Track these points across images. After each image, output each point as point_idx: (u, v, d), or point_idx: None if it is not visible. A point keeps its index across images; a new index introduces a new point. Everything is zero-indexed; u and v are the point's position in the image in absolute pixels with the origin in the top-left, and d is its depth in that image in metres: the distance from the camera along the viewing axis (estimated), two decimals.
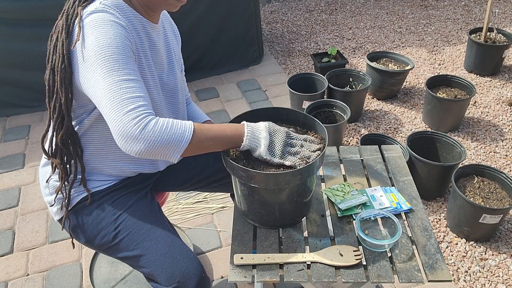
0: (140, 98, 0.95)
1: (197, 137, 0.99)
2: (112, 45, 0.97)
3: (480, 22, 3.83)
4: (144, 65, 1.11)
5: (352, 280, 1.07)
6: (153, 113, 0.97)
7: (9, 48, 2.62)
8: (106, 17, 1.00)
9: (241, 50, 3.26)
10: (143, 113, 0.94)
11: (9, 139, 2.71)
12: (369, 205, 1.27)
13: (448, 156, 2.20)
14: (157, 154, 0.96)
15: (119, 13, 1.04)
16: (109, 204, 1.23)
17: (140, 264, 1.18)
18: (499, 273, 1.80)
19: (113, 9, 1.03)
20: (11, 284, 1.84)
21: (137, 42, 1.09)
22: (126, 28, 1.02)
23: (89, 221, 1.22)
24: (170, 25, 1.33)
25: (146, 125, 0.93)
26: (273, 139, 1.07)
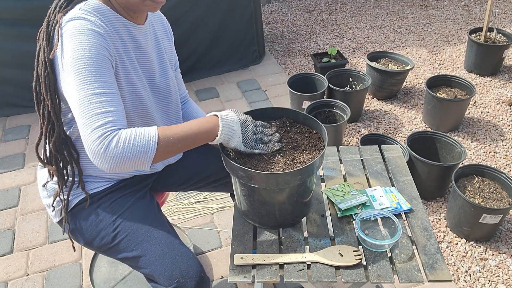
0: (108, 113, 0.94)
1: (163, 143, 0.97)
2: (87, 57, 0.96)
3: (480, 22, 3.83)
4: (129, 68, 1.10)
5: (352, 280, 1.07)
6: (121, 126, 0.96)
7: (9, 48, 2.62)
8: (83, 26, 0.98)
9: (241, 50, 3.26)
10: (107, 130, 0.93)
11: (9, 139, 2.71)
12: (369, 205, 1.27)
13: (448, 156, 2.20)
14: (126, 168, 0.96)
15: (99, 19, 1.02)
16: (107, 205, 1.23)
17: (139, 264, 1.18)
18: (499, 273, 1.80)
19: (93, 15, 1.01)
20: (11, 284, 1.84)
21: (119, 47, 1.07)
22: (105, 36, 1.01)
23: (88, 223, 1.21)
24: (160, 23, 1.29)
25: (109, 143, 0.92)
26: (244, 130, 1.08)
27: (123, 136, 0.94)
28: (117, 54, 1.06)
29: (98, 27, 1.00)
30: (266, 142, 1.13)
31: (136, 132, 0.95)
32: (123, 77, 1.09)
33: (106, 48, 1.00)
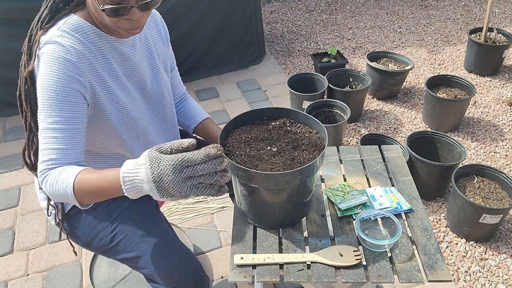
0: (54, 150, 0.97)
1: (79, 193, 0.95)
2: (52, 89, 0.98)
3: (480, 22, 3.83)
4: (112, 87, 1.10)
5: (352, 280, 1.07)
6: (62, 164, 0.97)
7: (9, 48, 2.62)
8: (56, 53, 0.98)
9: (241, 50, 3.26)
10: (46, 168, 0.97)
11: (9, 139, 2.71)
12: (369, 205, 1.27)
13: (448, 156, 2.20)
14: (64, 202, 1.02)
15: (77, 39, 1.01)
16: (104, 207, 1.23)
17: (138, 265, 1.19)
18: (499, 273, 1.80)
19: (71, 36, 1.01)
20: (11, 284, 1.84)
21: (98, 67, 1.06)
22: (77, 64, 1.00)
23: (86, 225, 1.21)
24: (153, 23, 1.27)
25: (45, 180, 0.97)
26: (164, 179, 0.82)
27: (51, 178, 0.96)
28: (95, 77, 1.05)
29: (71, 54, 0.99)
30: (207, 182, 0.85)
31: (58, 179, 0.95)
32: (105, 99, 1.09)
33: (77, 79, 1.00)
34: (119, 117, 1.13)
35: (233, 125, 1.23)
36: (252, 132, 1.21)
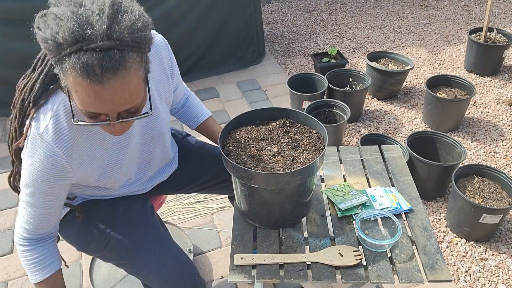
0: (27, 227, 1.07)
1: None
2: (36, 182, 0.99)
3: (480, 22, 3.83)
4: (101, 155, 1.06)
5: (352, 280, 1.07)
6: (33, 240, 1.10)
7: (9, 48, 2.62)
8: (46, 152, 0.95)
9: (241, 50, 3.26)
10: (19, 239, 1.09)
11: None
12: (369, 205, 1.27)
13: (448, 156, 2.20)
14: None
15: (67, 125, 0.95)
16: (98, 212, 1.22)
17: (133, 270, 1.19)
18: (499, 273, 1.80)
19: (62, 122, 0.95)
20: (11, 284, 1.84)
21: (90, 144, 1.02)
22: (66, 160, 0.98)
23: (81, 231, 1.22)
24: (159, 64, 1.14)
25: (18, 247, 1.10)
26: None
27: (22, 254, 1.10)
28: (85, 156, 1.02)
29: (61, 150, 0.96)
30: None
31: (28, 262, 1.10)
32: (92, 168, 1.06)
33: (63, 175, 1.00)
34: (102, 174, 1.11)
35: (233, 125, 1.23)
36: (252, 132, 1.21)
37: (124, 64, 0.78)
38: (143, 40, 0.81)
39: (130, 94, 0.82)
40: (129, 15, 0.79)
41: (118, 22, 0.77)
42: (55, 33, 0.75)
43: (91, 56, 0.74)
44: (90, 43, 0.74)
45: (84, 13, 0.76)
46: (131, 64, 0.79)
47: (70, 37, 0.74)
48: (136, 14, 0.80)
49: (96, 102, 0.80)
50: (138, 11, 0.81)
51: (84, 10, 0.76)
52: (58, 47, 0.76)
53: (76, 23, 0.74)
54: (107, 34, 0.75)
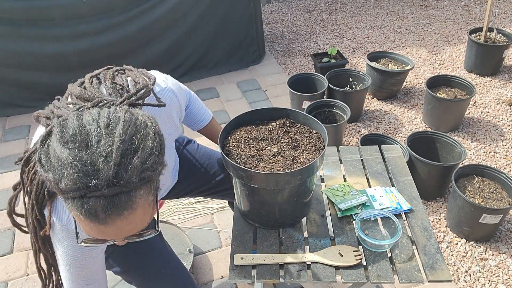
0: None
1: None
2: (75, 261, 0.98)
3: (480, 22, 3.83)
4: None
5: (352, 280, 1.07)
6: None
7: (9, 48, 2.62)
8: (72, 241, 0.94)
9: (241, 50, 3.26)
10: None
11: (9, 139, 2.71)
12: (369, 205, 1.27)
13: (448, 156, 2.20)
14: None
15: None
16: None
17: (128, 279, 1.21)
18: (499, 273, 1.80)
19: None
20: (11, 284, 1.84)
21: None
22: None
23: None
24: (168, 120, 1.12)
25: None
26: None
27: None
28: None
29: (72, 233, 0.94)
30: None
31: None
32: None
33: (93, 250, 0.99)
34: None
35: (233, 125, 1.23)
36: (252, 132, 1.21)
37: (130, 205, 0.74)
38: (153, 176, 0.76)
39: (136, 225, 0.78)
40: (139, 154, 0.73)
41: (126, 168, 0.71)
42: (57, 180, 0.71)
43: (95, 203, 0.71)
44: (95, 191, 0.70)
45: (90, 157, 0.70)
46: (138, 201, 0.75)
47: (73, 186, 0.70)
48: (148, 149, 0.74)
49: (99, 235, 0.77)
50: (151, 144, 0.75)
51: (90, 154, 0.70)
52: (60, 191, 0.72)
53: (81, 172, 0.69)
54: (113, 182, 0.70)
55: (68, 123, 0.74)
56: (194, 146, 1.48)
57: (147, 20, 2.81)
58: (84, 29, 2.68)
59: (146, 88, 0.94)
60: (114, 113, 0.76)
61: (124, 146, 0.71)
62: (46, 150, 0.74)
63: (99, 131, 0.72)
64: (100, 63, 2.84)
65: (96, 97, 0.89)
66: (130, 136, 0.73)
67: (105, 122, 0.73)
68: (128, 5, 2.72)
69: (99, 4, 2.64)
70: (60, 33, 2.64)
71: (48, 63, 2.75)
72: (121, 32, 2.78)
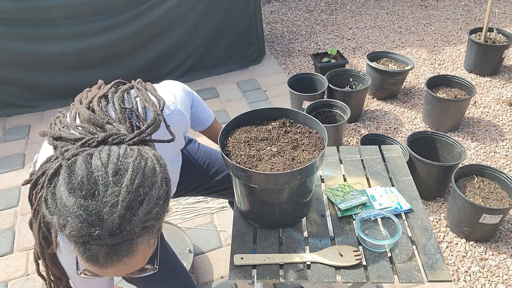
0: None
1: None
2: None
3: (480, 22, 3.83)
4: None
5: (352, 280, 1.07)
6: None
7: (9, 48, 2.62)
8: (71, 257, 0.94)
9: (241, 50, 3.26)
10: None
11: (9, 139, 2.71)
12: (369, 205, 1.27)
13: (448, 156, 2.20)
14: None
15: None
16: None
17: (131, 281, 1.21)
18: (499, 273, 1.80)
19: None
20: (11, 284, 1.84)
21: None
22: None
23: None
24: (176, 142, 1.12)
25: None
26: None
27: None
28: None
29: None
30: None
31: None
32: None
33: None
34: None
35: (233, 125, 1.23)
36: (252, 132, 1.21)
37: (131, 252, 0.75)
38: (157, 225, 0.78)
39: (135, 267, 0.79)
40: (144, 206, 0.73)
41: (130, 220, 0.72)
42: (61, 225, 0.72)
43: (97, 250, 0.72)
44: (97, 240, 0.72)
45: (95, 207, 0.70)
46: (140, 246, 0.76)
47: (77, 234, 0.71)
48: (153, 199, 0.75)
49: (99, 273, 0.79)
50: (156, 194, 0.76)
51: (96, 203, 0.71)
52: (63, 235, 0.74)
53: (85, 222, 0.70)
54: (116, 232, 0.71)
55: (77, 168, 0.74)
56: (195, 145, 1.48)
57: (147, 20, 2.81)
58: (84, 29, 2.68)
59: (157, 122, 0.93)
60: (124, 158, 0.76)
61: (130, 197, 0.72)
62: (52, 191, 0.75)
63: (106, 179, 0.72)
64: (100, 63, 2.86)
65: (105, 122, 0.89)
66: (137, 187, 0.73)
67: (113, 169, 0.74)
68: (128, 5, 2.72)
69: (99, 4, 2.64)
70: (60, 33, 2.64)
71: (48, 63, 2.75)
72: (121, 32, 2.78)
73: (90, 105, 0.96)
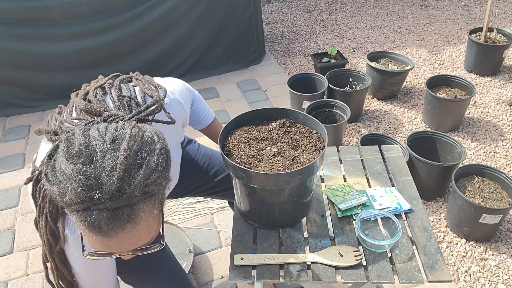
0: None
1: None
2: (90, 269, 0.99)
3: (480, 22, 3.83)
4: None
5: (352, 280, 1.07)
6: None
7: (9, 48, 2.62)
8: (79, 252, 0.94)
9: (241, 50, 3.26)
10: None
11: (9, 139, 2.71)
12: (369, 205, 1.27)
13: (448, 156, 2.20)
14: None
15: None
16: None
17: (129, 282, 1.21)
18: (499, 273, 1.80)
19: None
20: (11, 284, 1.84)
21: None
22: None
23: None
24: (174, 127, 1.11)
25: None
26: None
27: None
28: None
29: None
30: None
31: None
32: None
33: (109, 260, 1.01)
34: None
35: (233, 125, 1.23)
36: (252, 132, 1.21)
37: (133, 218, 0.74)
38: (157, 190, 0.77)
39: (139, 238, 0.79)
40: (143, 169, 0.74)
41: (129, 182, 0.72)
42: (62, 193, 0.72)
43: (98, 216, 0.72)
44: (98, 204, 0.72)
45: (94, 171, 0.71)
46: (141, 214, 0.76)
47: (77, 199, 0.71)
48: (152, 165, 0.75)
49: (103, 248, 0.78)
50: (156, 160, 0.76)
51: (94, 168, 0.71)
52: (64, 203, 0.74)
53: (85, 186, 0.71)
54: (116, 196, 0.72)
55: (75, 138, 0.75)
56: (195, 146, 1.48)
57: (147, 20, 2.81)
58: (84, 29, 2.68)
59: (158, 105, 0.92)
60: (121, 129, 0.77)
61: (128, 161, 0.72)
62: (52, 164, 0.75)
63: (104, 146, 0.73)
64: (100, 63, 2.86)
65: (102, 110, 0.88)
66: (135, 152, 0.74)
67: (111, 138, 0.74)
68: (128, 5, 2.72)
69: (99, 4, 2.64)
70: (60, 33, 2.64)
71: (48, 63, 2.75)
72: (121, 32, 2.78)
73: (86, 96, 0.95)
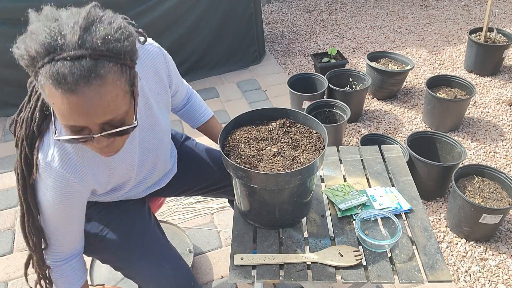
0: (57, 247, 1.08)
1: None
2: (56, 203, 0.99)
3: (480, 22, 3.83)
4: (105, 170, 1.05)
5: (352, 280, 1.07)
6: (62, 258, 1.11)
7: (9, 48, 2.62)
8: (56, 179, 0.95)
9: (241, 50, 3.26)
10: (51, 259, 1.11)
11: (9, 139, 2.71)
12: (369, 205, 1.27)
13: (448, 156, 2.20)
14: None
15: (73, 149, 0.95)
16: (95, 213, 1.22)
17: (129, 274, 1.21)
18: (499, 273, 1.80)
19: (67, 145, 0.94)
20: (11, 284, 1.84)
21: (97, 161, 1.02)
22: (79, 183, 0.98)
23: None
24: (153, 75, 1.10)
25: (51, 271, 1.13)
26: None
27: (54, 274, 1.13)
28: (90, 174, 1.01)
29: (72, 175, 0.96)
30: None
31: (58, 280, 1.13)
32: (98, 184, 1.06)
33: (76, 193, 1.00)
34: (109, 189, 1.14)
35: (233, 125, 1.23)
36: (252, 132, 1.21)
37: (97, 72, 0.75)
38: (121, 51, 0.78)
39: (108, 104, 0.78)
40: (105, 26, 0.77)
41: (91, 32, 0.76)
42: (28, 48, 0.75)
43: (62, 65, 0.73)
44: (62, 53, 0.73)
45: (58, 26, 0.75)
46: (106, 73, 0.76)
47: (42, 48, 0.74)
48: (115, 26, 0.78)
49: (72, 113, 0.77)
50: (119, 24, 0.79)
51: (58, 24, 0.76)
52: (32, 61, 0.76)
53: (48, 35, 0.74)
54: (78, 43, 0.74)
55: (44, 10, 0.80)
56: (193, 142, 1.48)
57: (147, 20, 2.81)
58: None
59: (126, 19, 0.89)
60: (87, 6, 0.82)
61: (90, 18, 0.77)
62: (21, 37, 0.80)
63: (69, 13, 0.79)
64: None
65: None
66: (97, 13, 0.79)
67: (75, 10, 0.80)
68: (128, 5, 2.72)
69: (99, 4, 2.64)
70: None
71: None
72: None
73: None
